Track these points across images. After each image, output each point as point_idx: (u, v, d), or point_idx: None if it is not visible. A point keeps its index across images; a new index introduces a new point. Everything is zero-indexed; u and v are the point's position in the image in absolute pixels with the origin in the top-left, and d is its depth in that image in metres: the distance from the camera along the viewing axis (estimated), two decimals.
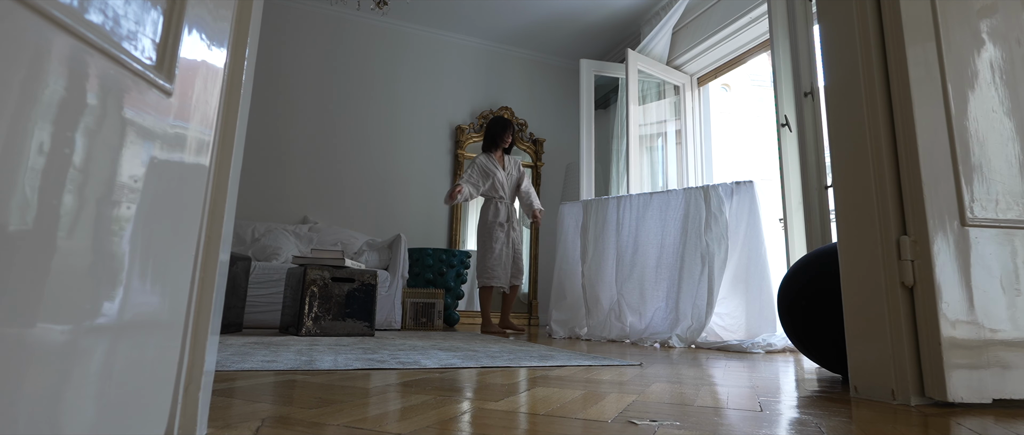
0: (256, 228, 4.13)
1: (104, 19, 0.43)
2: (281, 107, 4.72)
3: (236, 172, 0.71)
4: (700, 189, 3.19)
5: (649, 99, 4.62)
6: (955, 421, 1.01)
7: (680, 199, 3.26)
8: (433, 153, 5.20)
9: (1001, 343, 1.18)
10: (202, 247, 0.64)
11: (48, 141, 0.38)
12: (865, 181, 1.30)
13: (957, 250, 1.20)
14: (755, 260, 2.96)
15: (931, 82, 1.28)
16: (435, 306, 4.11)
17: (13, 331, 0.36)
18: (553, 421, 0.89)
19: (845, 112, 1.38)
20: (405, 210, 4.98)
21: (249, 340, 2.35)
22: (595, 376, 1.50)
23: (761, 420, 0.96)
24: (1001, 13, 1.38)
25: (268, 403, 0.99)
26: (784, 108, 3.16)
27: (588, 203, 3.69)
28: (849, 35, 1.38)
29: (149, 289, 0.53)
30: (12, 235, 0.35)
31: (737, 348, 2.63)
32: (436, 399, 1.07)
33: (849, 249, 1.34)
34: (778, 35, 3.23)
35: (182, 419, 0.62)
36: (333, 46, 4.97)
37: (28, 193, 0.36)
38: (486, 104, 5.48)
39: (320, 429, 0.79)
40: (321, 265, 2.90)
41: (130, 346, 0.50)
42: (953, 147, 1.26)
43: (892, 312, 1.22)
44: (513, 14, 5.06)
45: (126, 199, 0.48)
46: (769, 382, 1.50)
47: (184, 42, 0.56)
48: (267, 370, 1.44)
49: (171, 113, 0.54)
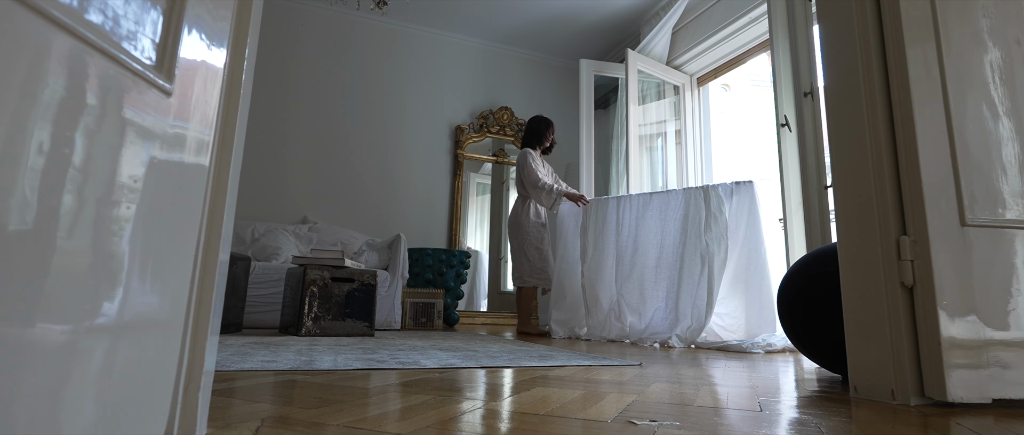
0: (256, 228, 4.13)
1: (104, 19, 0.43)
2: (281, 107, 4.72)
3: (236, 172, 0.71)
4: (700, 189, 3.19)
5: (649, 99, 4.62)
6: (955, 421, 1.01)
7: (680, 199, 3.26)
8: (433, 153, 5.20)
9: (1001, 343, 1.18)
10: (202, 247, 0.64)
11: (48, 141, 0.38)
12: (865, 181, 1.30)
13: (957, 250, 1.20)
14: (755, 260, 2.96)
15: (931, 82, 1.28)
16: (435, 306, 4.11)
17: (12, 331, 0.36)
18: (553, 421, 0.89)
19: (845, 112, 1.38)
20: (405, 210, 4.98)
21: (249, 340, 2.35)
22: (595, 376, 1.50)
23: (761, 420, 0.96)
24: (1001, 13, 1.38)
25: (268, 403, 0.99)
26: (784, 108, 3.16)
27: (588, 203, 3.69)
28: (849, 35, 1.38)
29: (149, 289, 0.53)
30: (11, 235, 0.35)
31: (737, 348, 2.63)
32: (436, 399, 1.07)
33: (849, 249, 1.34)
34: (778, 35, 3.23)
35: (182, 419, 0.62)
36: (333, 46, 4.97)
37: (28, 193, 0.36)
38: (486, 104, 5.48)
39: (320, 429, 0.79)
40: (321, 265, 2.90)
41: (130, 346, 0.50)
42: (953, 147, 1.26)
43: (892, 312, 1.22)
44: (513, 14, 5.06)
45: (126, 199, 0.48)
46: (769, 382, 1.50)
47: (184, 42, 0.56)
48: (267, 370, 1.44)
49: (171, 113, 0.54)
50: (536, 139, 3.91)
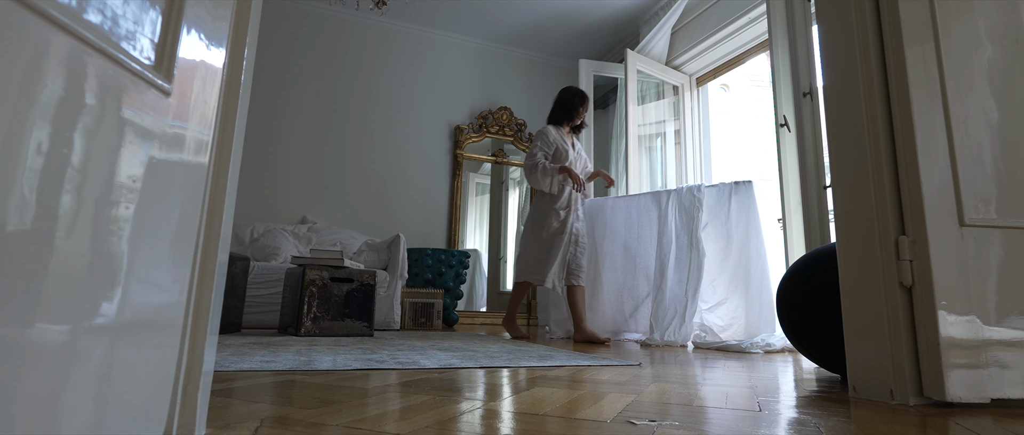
0: (255, 228, 4.13)
1: (103, 19, 0.43)
2: (280, 107, 4.71)
3: (235, 172, 0.71)
4: (698, 189, 3.19)
5: (648, 99, 4.62)
6: (953, 421, 1.01)
7: (678, 199, 3.26)
8: (432, 153, 5.19)
9: (999, 343, 1.18)
10: (201, 247, 0.64)
11: (46, 141, 0.38)
12: (864, 181, 1.30)
13: (955, 250, 1.21)
14: (754, 260, 2.96)
15: (929, 82, 1.28)
16: (434, 306, 4.11)
17: (11, 331, 0.36)
18: (552, 421, 0.89)
19: (844, 112, 1.38)
20: (404, 210, 4.98)
21: (248, 340, 2.35)
22: (594, 376, 1.50)
23: (760, 420, 0.96)
24: (999, 13, 1.38)
25: (267, 403, 0.99)
26: (783, 108, 3.16)
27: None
28: (848, 35, 1.38)
29: (147, 289, 0.53)
30: (10, 235, 0.35)
31: (736, 348, 2.63)
32: (435, 399, 1.07)
33: (848, 249, 1.34)
34: (777, 35, 3.23)
35: (181, 419, 0.62)
36: (332, 46, 4.97)
37: (26, 193, 0.36)
38: (485, 104, 5.47)
39: (319, 429, 0.79)
40: (320, 265, 2.89)
41: (128, 346, 0.50)
42: (952, 147, 1.26)
43: (891, 312, 1.22)
44: (512, 14, 5.06)
45: (124, 199, 0.47)
46: (768, 382, 1.50)
47: (183, 42, 0.56)
48: (266, 370, 1.43)
49: (170, 113, 0.54)
50: (564, 114, 3.37)
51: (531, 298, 5.31)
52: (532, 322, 5.24)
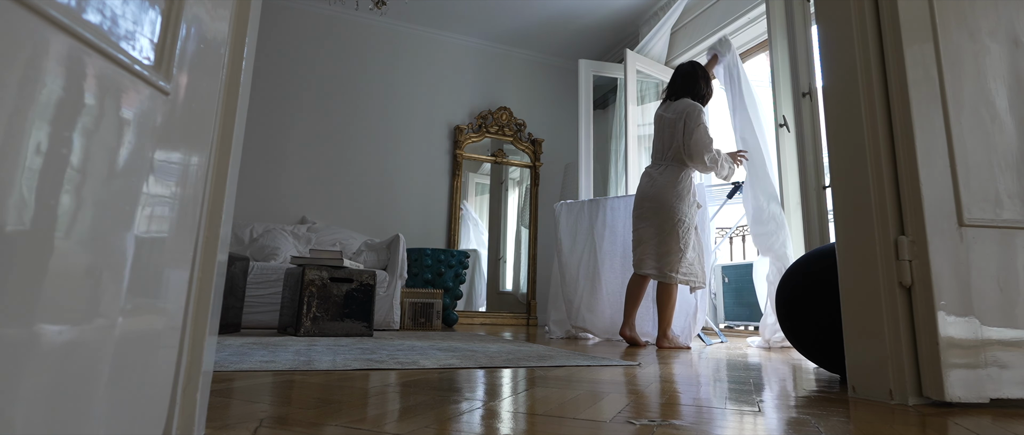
0: (254, 228, 4.13)
1: (102, 19, 0.43)
2: (280, 107, 4.71)
3: (234, 172, 0.71)
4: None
5: (648, 99, 4.62)
6: (953, 421, 1.01)
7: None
8: (432, 153, 5.19)
9: (998, 343, 1.18)
10: (200, 247, 0.64)
11: (45, 141, 0.38)
12: (863, 181, 1.31)
13: (955, 250, 1.21)
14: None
15: (929, 83, 1.28)
16: (434, 306, 4.11)
17: (10, 332, 0.36)
18: (552, 421, 0.89)
19: (843, 112, 1.38)
20: (404, 210, 4.98)
21: (247, 340, 2.35)
22: (594, 376, 1.50)
23: (759, 419, 0.96)
24: (999, 13, 1.39)
25: (266, 403, 0.99)
26: (782, 108, 3.16)
27: (585, 203, 3.68)
28: (847, 36, 1.38)
29: (147, 289, 0.53)
30: (9, 235, 0.35)
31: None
32: (435, 399, 1.07)
33: (847, 249, 1.34)
34: (776, 36, 3.23)
35: (180, 419, 0.62)
36: (332, 46, 4.97)
37: (25, 193, 0.36)
38: (485, 104, 5.48)
39: (319, 429, 0.79)
40: (319, 265, 2.89)
41: (127, 347, 0.50)
42: (951, 147, 1.26)
43: (890, 312, 1.22)
44: (512, 14, 5.06)
45: (123, 199, 0.47)
46: (767, 382, 1.50)
47: (182, 42, 0.56)
48: (265, 370, 1.43)
49: (169, 113, 0.54)
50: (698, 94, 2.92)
51: (530, 298, 5.31)
52: (532, 322, 5.24)
